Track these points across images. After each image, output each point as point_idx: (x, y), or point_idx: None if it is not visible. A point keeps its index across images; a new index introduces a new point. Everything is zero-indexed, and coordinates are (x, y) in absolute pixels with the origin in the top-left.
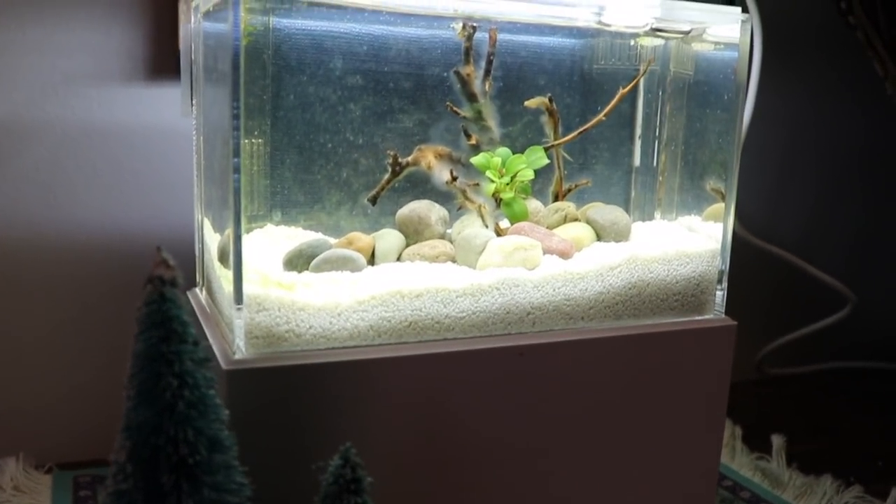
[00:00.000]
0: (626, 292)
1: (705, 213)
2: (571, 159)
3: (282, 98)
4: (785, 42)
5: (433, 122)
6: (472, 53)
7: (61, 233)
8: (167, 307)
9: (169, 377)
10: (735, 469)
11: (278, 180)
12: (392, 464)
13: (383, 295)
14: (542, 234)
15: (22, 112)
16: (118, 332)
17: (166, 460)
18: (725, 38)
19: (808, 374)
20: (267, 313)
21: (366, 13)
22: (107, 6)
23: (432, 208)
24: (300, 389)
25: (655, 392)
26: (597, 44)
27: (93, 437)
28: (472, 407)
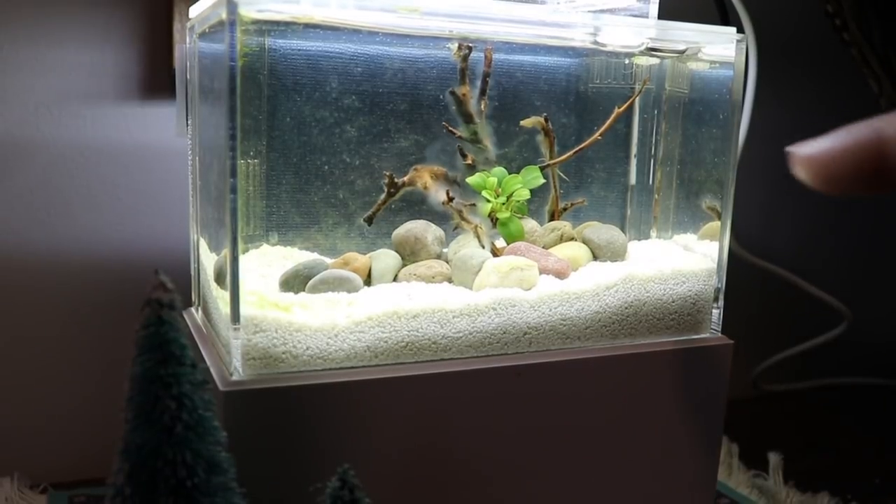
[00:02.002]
0: (623, 312)
1: (701, 232)
2: (567, 179)
3: (277, 118)
4: (779, 60)
5: (429, 142)
6: (467, 74)
7: (55, 252)
8: (165, 330)
9: (167, 400)
10: (732, 487)
11: (274, 200)
12: (390, 485)
13: (380, 316)
14: (539, 253)
15: (15, 131)
16: (113, 352)
17: (165, 483)
18: (720, 57)
19: (805, 390)
20: (264, 335)
21: (361, 34)
22: (101, 25)
23: (428, 228)
24: (298, 410)
25: (652, 411)
26: (592, 63)
27: (88, 456)
28: (469, 427)
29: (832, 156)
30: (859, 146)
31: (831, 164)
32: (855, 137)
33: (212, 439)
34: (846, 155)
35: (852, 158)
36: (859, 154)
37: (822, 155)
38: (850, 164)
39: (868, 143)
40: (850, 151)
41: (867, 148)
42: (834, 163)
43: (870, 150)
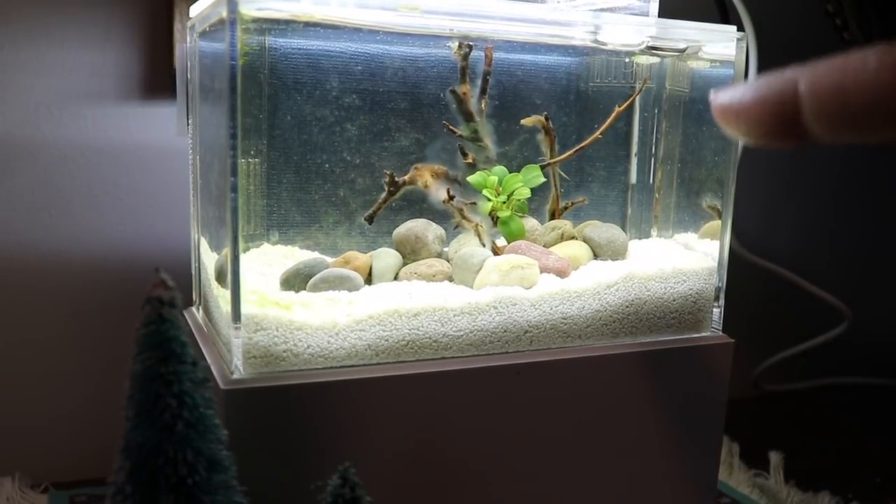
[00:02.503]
0: (623, 310)
1: (701, 231)
2: (568, 178)
3: (278, 117)
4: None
5: (430, 140)
6: (468, 72)
7: (56, 252)
8: (166, 328)
9: (168, 398)
10: (733, 486)
11: (274, 199)
12: (391, 483)
13: (381, 314)
14: (539, 252)
15: (16, 131)
16: (114, 351)
17: (165, 481)
18: (721, 56)
19: (806, 390)
20: (265, 333)
21: (362, 32)
22: (101, 25)
23: (429, 227)
24: (298, 409)
25: (653, 409)
26: (593, 62)
27: (89, 456)
28: (470, 425)
29: (748, 105)
30: (773, 95)
31: (745, 112)
32: (770, 86)
33: (213, 437)
34: (760, 104)
35: (765, 107)
36: (773, 103)
37: (738, 103)
38: (764, 113)
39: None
40: (764, 101)
41: (781, 97)
42: (748, 112)
43: (783, 101)
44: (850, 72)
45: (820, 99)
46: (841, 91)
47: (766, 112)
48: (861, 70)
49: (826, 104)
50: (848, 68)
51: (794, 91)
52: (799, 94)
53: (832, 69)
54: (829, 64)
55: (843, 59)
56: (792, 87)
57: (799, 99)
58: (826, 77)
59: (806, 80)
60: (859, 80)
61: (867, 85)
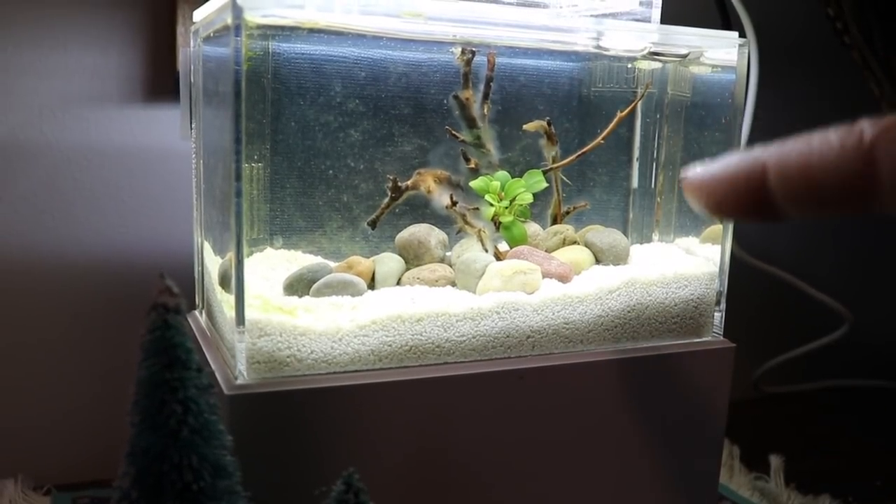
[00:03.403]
0: (625, 315)
1: (703, 235)
2: (570, 183)
3: (281, 122)
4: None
5: (432, 146)
6: (470, 78)
7: (58, 254)
8: (171, 334)
9: (173, 404)
10: (733, 489)
11: (278, 204)
12: (394, 488)
13: (384, 319)
14: (541, 257)
15: (19, 134)
16: (116, 354)
17: (171, 487)
18: (722, 61)
19: (806, 392)
20: (268, 338)
21: (365, 38)
22: (104, 28)
23: (432, 232)
24: (302, 414)
25: (654, 414)
26: (595, 67)
27: (91, 458)
28: (472, 430)
29: (716, 183)
30: (741, 175)
31: (716, 191)
32: (738, 166)
33: (217, 443)
34: (729, 183)
35: (734, 187)
36: (741, 183)
37: (707, 182)
38: (732, 192)
39: (749, 173)
40: (732, 180)
41: (748, 177)
42: (718, 190)
43: (750, 181)
44: (815, 153)
45: (786, 180)
46: (806, 172)
47: (735, 191)
48: (824, 151)
49: (792, 184)
50: (812, 150)
51: (762, 171)
52: (766, 173)
53: (797, 151)
54: (795, 145)
55: (808, 139)
56: (760, 168)
57: (766, 178)
58: (792, 158)
59: (773, 161)
60: (823, 160)
61: (831, 165)
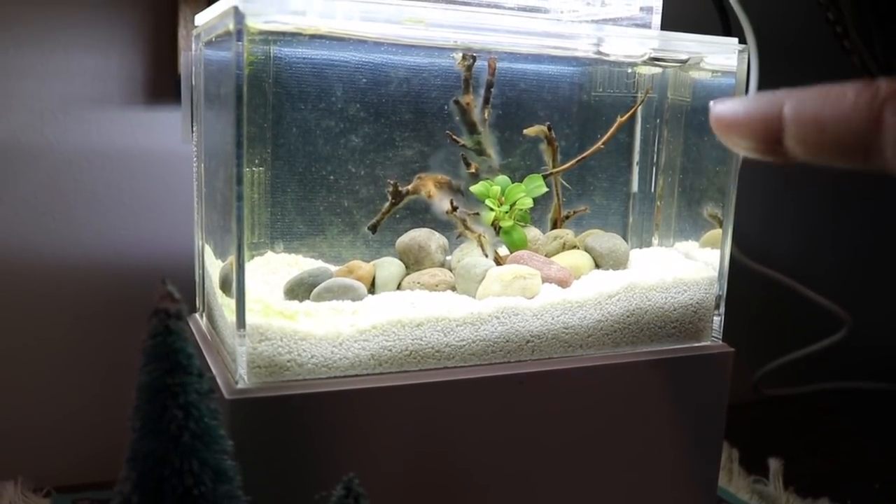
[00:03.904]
0: (625, 320)
1: (702, 240)
2: (570, 187)
3: (282, 127)
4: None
5: (433, 151)
6: (471, 83)
7: (59, 256)
8: (172, 340)
9: (174, 409)
10: (732, 492)
11: (279, 208)
12: (394, 492)
13: (384, 324)
14: (541, 262)
15: (20, 136)
16: (116, 356)
17: (172, 491)
18: (722, 66)
19: (805, 395)
20: (269, 343)
21: (366, 44)
22: (105, 30)
23: (432, 237)
24: (302, 418)
25: (653, 418)
26: (595, 73)
27: (91, 460)
28: (472, 434)
29: (738, 118)
30: (760, 113)
31: (736, 125)
32: (759, 104)
33: (218, 448)
34: (748, 119)
35: (752, 123)
36: (759, 120)
37: (730, 115)
38: (750, 128)
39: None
40: (752, 116)
41: (766, 116)
42: (738, 125)
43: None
44: (829, 102)
45: (799, 123)
46: (818, 118)
47: (753, 128)
48: (839, 102)
49: (804, 128)
50: (828, 98)
51: (779, 111)
52: (783, 115)
53: (814, 97)
54: (813, 92)
55: (827, 88)
56: (778, 108)
57: (782, 120)
58: (807, 103)
59: (790, 104)
60: (836, 110)
61: (841, 116)
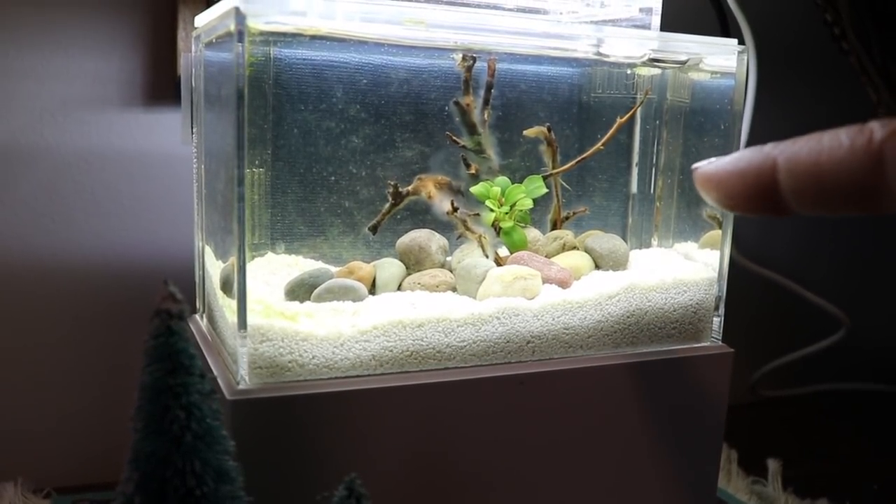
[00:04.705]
0: (625, 321)
1: (702, 241)
2: (570, 188)
3: (283, 128)
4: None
5: (433, 151)
6: (471, 84)
7: (58, 258)
8: (174, 340)
9: (176, 409)
10: (731, 493)
11: (279, 209)
12: (396, 493)
13: (385, 325)
14: (542, 263)
15: (19, 138)
16: (116, 357)
17: (174, 492)
18: (722, 68)
19: (804, 396)
20: (270, 343)
21: (367, 45)
22: (105, 32)
23: (432, 237)
24: (304, 419)
25: (653, 418)
26: (594, 73)
27: (92, 461)
28: (473, 435)
29: (727, 176)
30: (752, 169)
31: (726, 184)
32: (749, 160)
33: (220, 448)
34: (739, 177)
35: (744, 181)
36: (751, 177)
37: (718, 174)
38: (742, 186)
39: (760, 168)
40: (743, 174)
41: (758, 172)
42: (728, 183)
43: (760, 175)
44: (825, 151)
45: (796, 176)
46: (816, 169)
47: (745, 185)
48: (834, 149)
49: (802, 181)
50: (822, 147)
51: (772, 166)
52: (777, 169)
53: (808, 148)
54: (805, 142)
55: (818, 137)
56: (770, 163)
57: (776, 175)
58: (802, 155)
59: (783, 158)
60: (833, 159)
61: (840, 164)
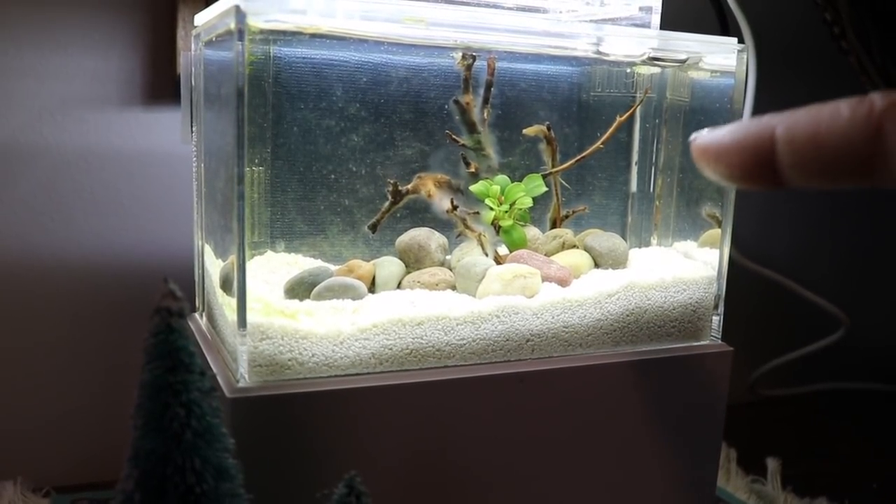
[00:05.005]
0: (624, 319)
1: (701, 239)
2: (569, 187)
3: (282, 126)
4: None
5: (433, 150)
6: (471, 82)
7: (58, 257)
8: (174, 338)
9: (176, 407)
10: (730, 492)
11: (279, 208)
12: (395, 491)
13: (385, 323)
14: (541, 261)
15: (19, 136)
16: (115, 356)
17: (174, 489)
18: (721, 67)
19: (803, 395)
20: (270, 342)
21: (367, 43)
22: (104, 31)
23: (432, 236)
24: (304, 417)
25: (652, 417)
26: (594, 72)
27: (91, 460)
28: (473, 433)
29: (725, 148)
30: (750, 139)
31: (724, 155)
32: (747, 131)
33: (220, 446)
34: (738, 148)
35: (742, 152)
36: (749, 148)
37: (716, 145)
38: (740, 157)
39: (758, 138)
40: (741, 144)
41: (757, 142)
42: (726, 154)
43: (759, 145)
44: (824, 121)
45: (795, 146)
46: (815, 139)
47: (743, 156)
48: (834, 120)
49: (801, 151)
50: (822, 118)
51: (770, 137)
52: (775, 140)
53: (807, 118)
54: (805, 113)
55: (818, 108)
56: (769, 134)
57: (775, 145)
58: (801, 125)
59: (782, 128)
60: (832, 129)
61: (839, 134)
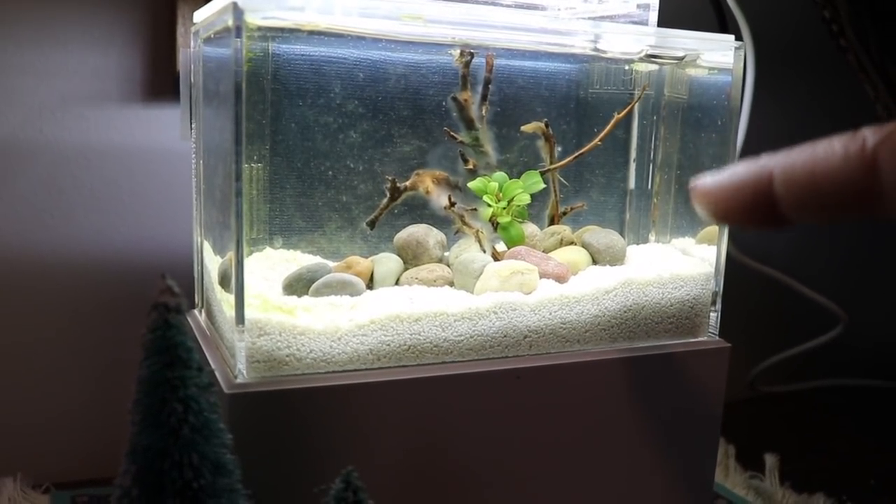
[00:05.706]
0: (622, 315)
1: (699, 236)
2: (567, 183)
3: (281, 123)
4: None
5: (431, 147)
6: (469, 79)
7: (58, 254)
8: (172, 334)
9: (174, 402)
10: (728, 488)
11: (277, 204)
12: (392, 486)
13: (382, 319)
14: (539, 258)
15: (19, 133)
16: (115, 353)
17: (172, 485)
18: (719, 64)
19: (801, 392)
20: (268, 338)
21: (365, 40)
22: (104, 28)
23: (430, 232)
24: (301, 413)
25: (650, 413)
26: (592, 69)
27: (91, 456)
28: (470, 429)
29: (724, 191)
30: (748, 183)
31: (723, 198)
32: (745, 174)
33: (218, 441)
34: (737, 191)
35: (742, 195)
36: (748, 191)
37: (716, 190)
38: (740, 200)
39: (756, 181)
40: (739, 188)
41: (755, 185)
42: (727, 198)
43: (757, 188)
44: (819, 160)
45: (793, 187)
46: (812, 179)
47: (743, 198)
48: (828, 158)
49: (798, 191)
50: (817, 157)
51: (768, 179)
52: (772, 181)
53: (802, 158)
54: (799, 152)
55: (812, 147)
56: (766, 175)
57: (772, 186)
58: (797, 166)
59: (779, 169)
60: (828, 167)
61: (835, 171)
